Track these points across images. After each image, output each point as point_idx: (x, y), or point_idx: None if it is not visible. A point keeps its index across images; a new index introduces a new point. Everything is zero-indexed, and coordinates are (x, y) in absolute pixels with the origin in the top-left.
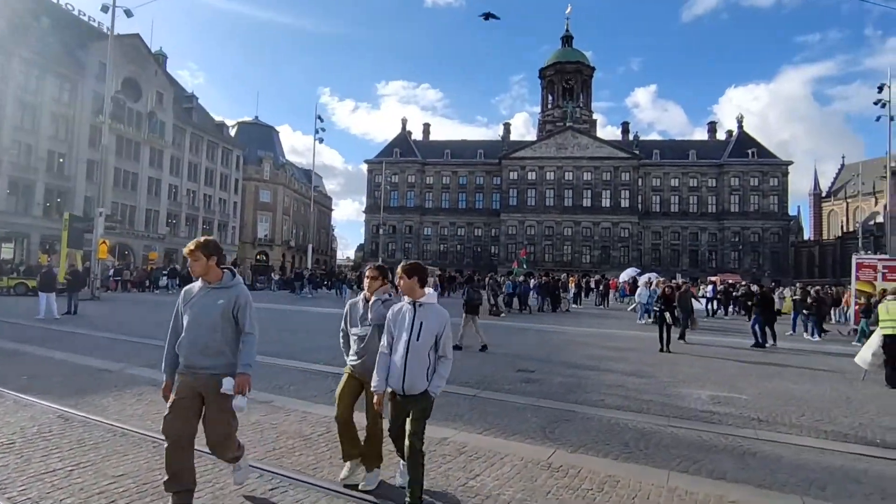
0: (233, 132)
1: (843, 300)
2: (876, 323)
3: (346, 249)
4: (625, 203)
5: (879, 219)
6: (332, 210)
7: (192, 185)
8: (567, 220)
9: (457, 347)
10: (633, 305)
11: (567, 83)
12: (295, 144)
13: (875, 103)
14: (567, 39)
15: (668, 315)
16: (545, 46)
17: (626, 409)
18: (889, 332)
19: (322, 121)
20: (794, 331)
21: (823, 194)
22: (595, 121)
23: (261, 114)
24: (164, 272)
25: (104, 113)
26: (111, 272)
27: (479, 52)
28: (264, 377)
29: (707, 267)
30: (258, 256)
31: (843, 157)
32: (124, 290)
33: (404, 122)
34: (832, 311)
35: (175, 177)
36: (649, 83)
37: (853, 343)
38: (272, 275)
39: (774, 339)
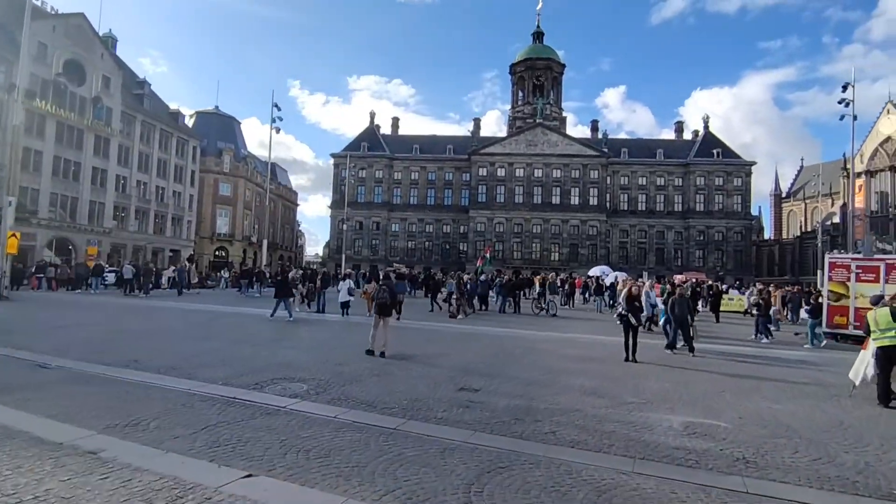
0: (190, 122)
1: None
2: (868, 333)
3: (316, 246)
4: (593, 201)
5: (836, 219)
6: (297, 205)
7: (142, 176)
8: (536, 217)
9: (369, 353)
10: (617, 312)
11: (538, 80)
12: (264, 138)
13: (839, 102)
14: (538, 36)
15: (632, 318)
16: (518, 44)
17: (581, 445)
18: (885, 343)
19: (279, 109)
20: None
21: (783, 195)
22: (565, 118)
23: (229, 106)
24: (112, 269)
25: (17, 89)
26: (33, 269)
27: (453, 47)
28: (122, 406)
29: (673, 265)
30: (217, 252)
31: (802, 160)
32: (50, 289)
33: (372, 115)
34: (797, 311)
35: (123, 167)
36: (619, 84)
37: (804, 346)
38: (222, 272)
39: (688, 342)
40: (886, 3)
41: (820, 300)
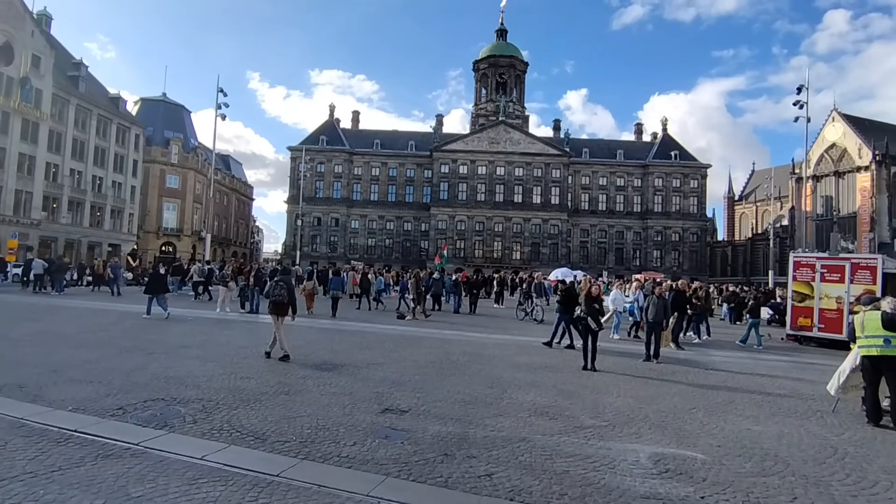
0: (134, 109)
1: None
2: (853, 339)
3: (276, 243)
4: (555, 200)
5: (785, 221)
6: (253, 199)
7: (77, 164)
8: (498, 215)
9: (280, 357)
10: (606, 317)
11: (501, 77)
12: (221, 131)
13: (794, 104)
14: (502, 33)
15: (591, 322)
16: (483, 42)
17: (524, 495)
18: (871, 352)
19: (225, 95)
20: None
21: (736, 198)
22: (528, 117)
23: (184, 96)
24: (17, 264)
25: None
26: None
27: (418, 44)
28: None
29: (631, 265)
30: (163, 247)
31: (753, 164)
32: None
33: (332, 108)
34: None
35: (55, 154)
36: (581, 87)
37: (738, 342)
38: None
39: (572, 341)
40: (830, 17)
41: (760, 299)
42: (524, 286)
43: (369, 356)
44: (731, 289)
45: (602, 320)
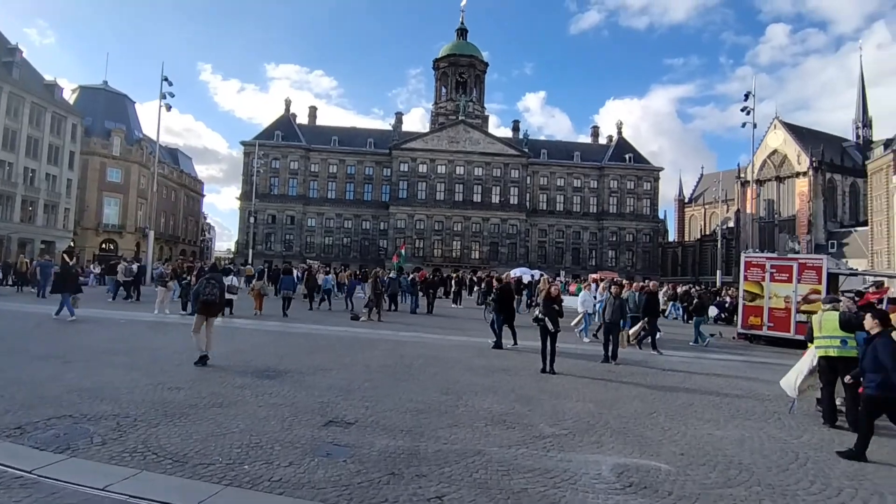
0: (72, 98)
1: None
2: (811, 339)
3: (229, 241)
4: (514, 200)
5: (731, 223)
6: (203, 196)
7: (7, 155)
8: (457, 214)
9: (202, 359)
10: (577, 320)
11: (461, 77)
12: (170, 124)
13: (742, 110)
14: (462, 32)
15: (549, 323)
16: (444, 42)
17: None
18: (829, 353)
19: (171, 84)
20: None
21: (686, 200)
22: (487, 117)
23: (129, 87)
24: None
25: None
26: None
27: (378, 41)
28: None
29: (587, 264)
30: (104, 245)
31: (702, 168)
32: None
33: (288, 103)
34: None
35: None
36: (539, 89)
37: (690, 343)
38: (90, 266)
39: (514, 340)
40: (772, 31)
41: (705, 298)
42: (482, 286)
43: (318, 361)
44: (683, 288)
45: (572, 322)
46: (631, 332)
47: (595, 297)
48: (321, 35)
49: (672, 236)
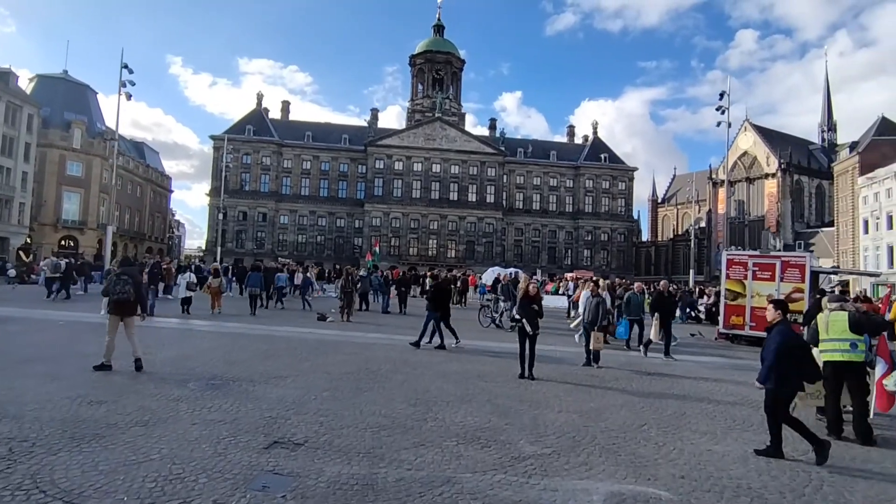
0: (29, 87)
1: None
2: (815, 342)
3: (200, 239)
4: (490, 198)
5: (703, 223)
6: (171, 191)
7: None
8: (433, 213)
9: (102, 367)
10: (577, 321)
11: (437, 73)
12: (138, 118)
13: (717, 109)
14: (439, 29)
15: (527, 325)
16: (420, 39)
17: None
18: (835, 357)
19: (131, 72)
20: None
21: (659, 200)
22: (464, 114)
23: (93, 78)
24: None
25: None
26: None
27: (354, 37)
28: None
29: (563, 263)
30: (63, 242)
31: (675, 169)
32: None
33: (260, 96)
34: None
35: None
36: (515, 89)
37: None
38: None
39: (456, 338)
40: (741, 36)
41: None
42: (459, 284)
43: (273, 367)
44: (656, 286)
45: (572, 325)
46: (651, 334)
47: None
48: (296, 29)
49: (645, 236)
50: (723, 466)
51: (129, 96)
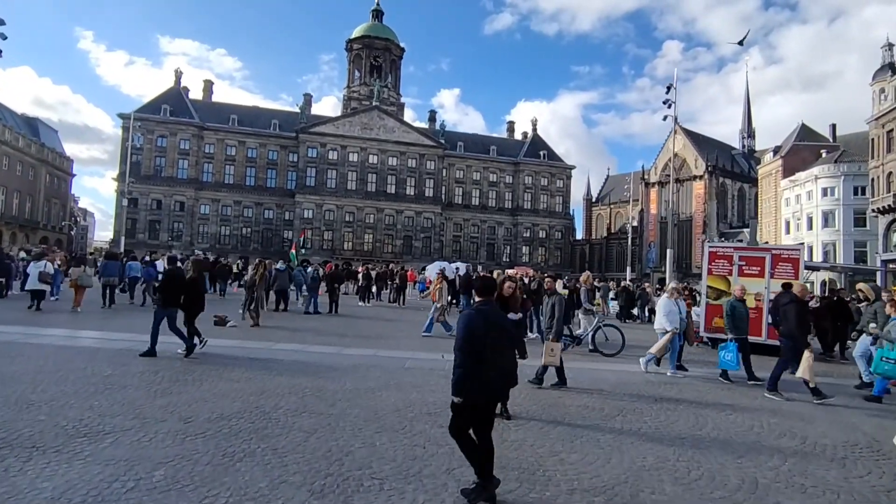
0: None
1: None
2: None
3: (107, 231)
4: (429, 192)
5: (635, 222)
6: (72, 175)
7: None
8: (369, 206)
9: None
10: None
11: (375, 60)
12: (42, 95)
13: (664, 102)
14: (377, 14)
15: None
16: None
17: None
18: None
19: (3, 23)
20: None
21: (593, 200)
22: (403, 104)
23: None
24: None
25: None
26: None
27: (288, 22)
28: None
29: (502, 260)
30: None
31: (608, 169)
32: None
33: (178, 74)
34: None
35: None
36: (454, 86)
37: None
38: None
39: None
40: (667, 46)
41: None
42: (397, 280)
43: (100, 410)
44: (622, 283)
45: (655, 349)
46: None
47: (680, 310)
48: (224, 10)
49: (580, 234)
50: None
51: None
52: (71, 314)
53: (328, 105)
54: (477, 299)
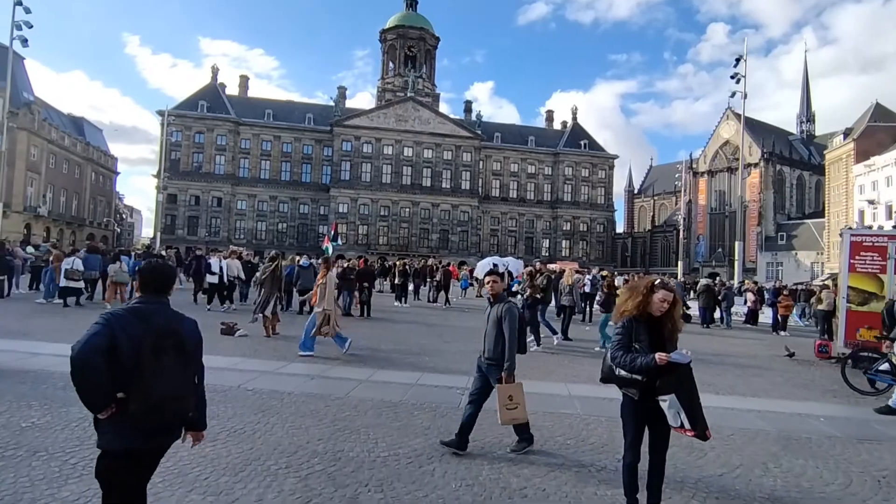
0: None
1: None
2: None
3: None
4: (465, 185)
5: (681, 215)
6: (116, 173)
7: None
8: (405, 199)
9: None
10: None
11: (410, 51)
12: (94, 100)
13: (731, 77)
14: (411, 3)
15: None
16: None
17: None
18: None
19: (28, 11)
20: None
21: (635, 191)
22: (438, 95)
23: (41, 53)
24: None
25: None
26: None
27: (322, 19)
28: None
29: (541, 255)
30: None
31: (651, 160)
32: None
33: (215, 70)
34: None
35: None
36: (487, 79)
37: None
38: None
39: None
40: (712, 29)
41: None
42: (438, 277)
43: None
44: (704, 282)
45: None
46: None
47: None
48: (262, 11)
49: (620, 227)
50: None
51: (24, 41)
52: (62, 317)
53: (363, 100)
54: None
